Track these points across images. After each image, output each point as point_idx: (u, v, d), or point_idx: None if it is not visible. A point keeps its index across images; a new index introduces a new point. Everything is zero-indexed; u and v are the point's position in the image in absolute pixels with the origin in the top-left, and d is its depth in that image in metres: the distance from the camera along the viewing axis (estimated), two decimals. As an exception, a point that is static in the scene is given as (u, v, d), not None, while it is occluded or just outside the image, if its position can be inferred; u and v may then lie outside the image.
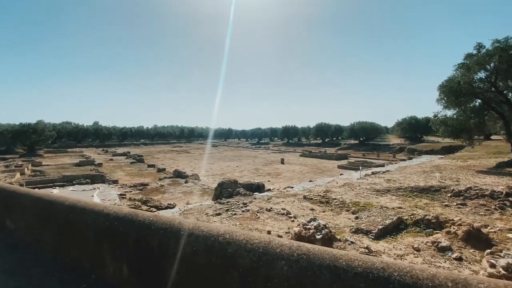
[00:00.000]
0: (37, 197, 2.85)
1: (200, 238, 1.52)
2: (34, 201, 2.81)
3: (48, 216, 2.63)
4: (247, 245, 1.32)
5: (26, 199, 2.92)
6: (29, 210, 2.88)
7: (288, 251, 1.23)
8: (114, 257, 1.98)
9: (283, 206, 8.45)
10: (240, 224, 7.01)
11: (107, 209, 2.26)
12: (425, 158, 32.79)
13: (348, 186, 10.38)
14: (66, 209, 2.50)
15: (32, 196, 2.89)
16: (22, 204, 2.97)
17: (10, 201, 3.22)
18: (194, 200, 15.13)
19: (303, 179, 22.63)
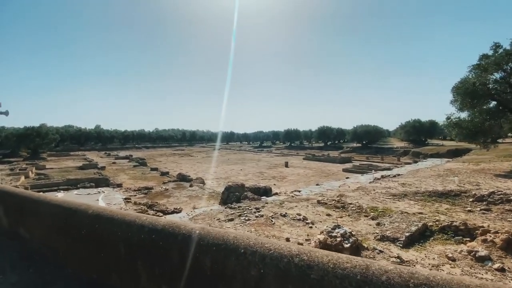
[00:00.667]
0: (55, 204, 2.59)
1: (267, 258, 1.26)
2: (53, 208, 2.56)
3: (69, 225, 2.38)
4: (336, 269, 1.05)
5: (43, 206, 2.67)
6: (47, 218, 2.63)
7: (399, 279, 0.97)
8: (152, 276, 1.72)
9: (298, 211, 8.18)
10: (255, 230, 6.74)
11: (140, 220, 2.01)
12: (431, 161, 32.52)
13: (362, 190, 10.08)
14: (91, 218, 2.25)
15: (50, 203, 2.64)
16: (39, 212, 2.72)
17: (24, 208, 2.97)
18: (201, 204, 14.84)
19: (309, 183, 22.32)
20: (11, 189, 3.41)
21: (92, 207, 2.46)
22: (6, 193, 3.41)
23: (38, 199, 2.81)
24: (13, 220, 3.18)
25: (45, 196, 2.85)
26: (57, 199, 2.71)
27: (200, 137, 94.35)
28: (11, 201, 3.30)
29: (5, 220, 3.39)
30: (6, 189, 3.59)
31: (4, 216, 3.44)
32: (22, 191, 3.23)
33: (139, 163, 35.06)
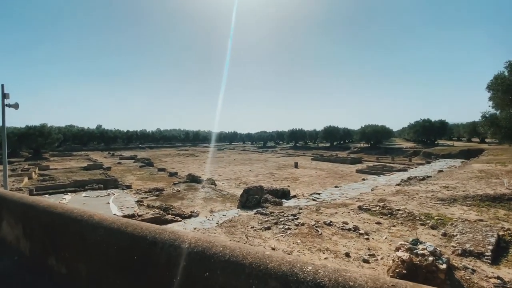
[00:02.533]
0: (111, 227, 1.77)
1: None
2: (107, 234, 1.74)
3: (142, 263, 1.57)
4: None
5: (90, 230, 1.86)
6: (97, 248, 1.81)
7: None
8: None
9: (340, 218, 7.34)
10: (302, 242, 5.91)
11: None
12: (444, 162, 31.68)
13: (403, 194, 9.24)
14: (191, 257, 1.44)
15: (101, 224, 1.82)
16: (82, 238, 1.91)
17: (56, 230, 2.15)
18: (217, 208, 14.04)
19: (324, 185, 21.49)
20: (35, 201, 2.58)
21: (192, 237, 1.65)
22: (26, 205, 2.59)
23: (82, 218, 1.99)
24: (40, 246, 2.36)
25: (90, 214, 2.03)
26: (112, 219, 1.89)
27: (203, 137, 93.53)
28: (37, 219, 2.47)
29: (26, 243, 2.56)
30: (25, 200, 2.75)
31: (23, 237, 2.60)
32: (53, 204, 2.40)
33: (145, 163, 34.27)
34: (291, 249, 5.61)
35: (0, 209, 2.85)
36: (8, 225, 2.72)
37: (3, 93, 8.97)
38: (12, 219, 2.65)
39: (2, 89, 8.74)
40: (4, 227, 2.78)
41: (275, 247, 5.72)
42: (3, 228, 2.81)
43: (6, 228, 2.76)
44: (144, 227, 1.71)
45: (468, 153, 34.51)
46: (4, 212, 2.80)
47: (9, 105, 9.38)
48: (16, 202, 2.65)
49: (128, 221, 1.80)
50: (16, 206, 2.64)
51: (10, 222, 2.69)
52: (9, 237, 2.70)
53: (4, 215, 2.78)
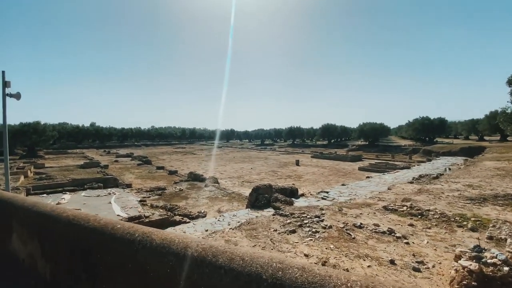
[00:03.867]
0: (193, 256, 1.20)
1: None
2: (180, 263, 1.19)
3: None
4: None
5: (151, 256, 1.30)
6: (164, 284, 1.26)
7: None
8: None
9: (368, 220, 6.86)
10: (336, 247, 5.41)
11: None
12: (445, 160, 31.62)
13: (427, 194, 8.82)
14: None
15: (168, 247, 1.26)
16: (137, 266, 1.35)
17: (92, 253, 1.57)
18: (224, 207, 13.48)
19: (329, 183, 21.09)
20: (55, 211, 2.00)
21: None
22: (42, 215, 2.00)
23: (132, 237, 1.41)
24: (65, 270, 1.78)
25: (145, 232, 1.45)
26: (186, 241, 1.33)
27: (200, 135, 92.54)
28: (60, 235, 1.88)
29: (45, 265, 1.98)
30: (41, 208, 2.15)
31: (41, 257, 2.01)
32: (77, 214, 1.83)
33: (142, 161, 33.44)
34: (326, 256, 5.09)
35: (10, 219, 2.27)
36: (19, 240, 2.14)
37: (3, 81, 7.94)
38: (25, 232, 2.08)
39: (3, 76, 7.80)
40: (15, 241, 2.20)
41: (308, 253, 5.20)
42: (13, 243, 2.23)
43: (17, 243, 2.18)
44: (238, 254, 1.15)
45: (469, 151, 34.53)
46: (14, 223, 2.22)
47: (10, 94, 8.30)
48: (29, 210, 2.08)
49: (216, 246, 1.24)
50: (29, 216, 2.07)
51: (22, 236, 2.11)
52: (21, 254, 2.12)
53: (15, 226, 2.20)
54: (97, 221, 1.63)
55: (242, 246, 5.70)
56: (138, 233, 1.41)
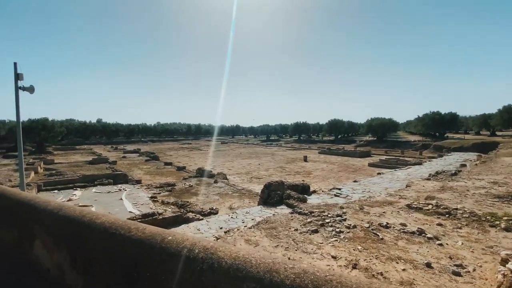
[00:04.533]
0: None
1: None
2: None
3: None
4: None
5: (222, 281, 1.02)
6: None
7: None
8: None
9: (393, 219, 6.55)
10: (364, 249, 5.12)
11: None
12: (458, 155, 30.88)
13: (452, 191, 8.44)
14: None
15: (246, 273, 0.99)
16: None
17: (138, 269, 1.30)
18: (236, 204, 13.29)
19: (339, 179, 20.73)
20: (85, 215, 1.74)
21: None
22: (71, 221, 1.74)
23: (192, 255, 1.13)
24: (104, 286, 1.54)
25: (206, 246, 1.18)
26: (267, 261, 1.06)
27: (205, 131, 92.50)
28: (94, 244, 1.60)
29: (76, 278, 1.73)
30: (68, 212, 1.89)
31: (71, 268, 1.75)
32: (113, 220, 1.57)
33: (150, 157, 33.48)
34: (355, 258, 4.81)
35: (31, 224, 2.03)
36: (43, 247, 1.91)
37: (16, 73, 7.59)
38: (50, 239, 1.85)
39: (15, 68, 7.54)
40: (38, 249, 1.97)
41: (336, 255, 4.92)
42: (35, 250, 2.00)
43: (40, 251, 1.95)
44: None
45: (482, 146, 33.70)
46: (37, 228, 1.99)
47: (23, 88, 8.00)
48: (55, 215, 1.84)
49: (313, 272, 0.96)
50: (55, 221, 1.83)
51: (47, 243, 1.88)
52: (45, 263, 1.89)
53: (37, 232, 1.97)
54: (140, 230, 1.38)
55: (264, 246, 5.46)
56: (198, 248, 1.14)
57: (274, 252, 5.17)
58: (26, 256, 2.11)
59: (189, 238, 1.24)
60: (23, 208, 2.16)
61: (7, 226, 2.33)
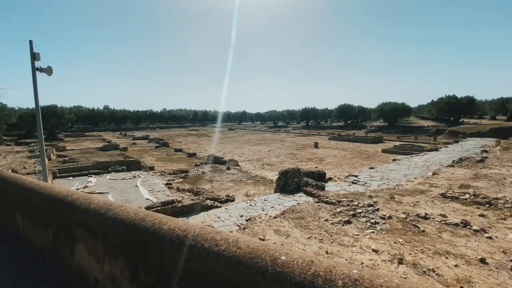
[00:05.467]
0: None
1: None
2: None
3: None
4: None
5: None
6: None
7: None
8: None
9: (429, 209, 6.17)
10: (406, 241, 4.78)
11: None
12: (475, 141, 29.88)
13: (487, 180, 7.96)
14: None
15: None
16: None
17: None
18: (251, 191, 13.09)
19: (354, 166, 20.27)
20: (142, 218, 1.39)
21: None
22: (128, 225, 1.39)
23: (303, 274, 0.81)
24: None
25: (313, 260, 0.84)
26: None
27: (212, 117, 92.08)
28: (169, 259, 1.24)
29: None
30: (119, 212, 1.54)
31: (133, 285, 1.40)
32: (182, 225, 1.21)
33: (160, 144, 33.46)
34: (399, 252, 4.47)
35: (70, 225, 1.71)
36: (89, 254, 1.59)
37: (32, 53, 6.84)
38: (99, 246, 1.52)
39: (31, 47, 7.01)
40: (80, 254, 1.66)
41: (377, 248, 4.58)
42: (77, 255, 1.69)
43: (85, 257, 1.64)
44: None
45: (500, 132, 32.58)
46: (79, 231, 1.66)
47: (40, 69, 7.16)
48: (103, 217, 1.50)
49: None
50: (105, 225, 1.49)
51: (94, 250, 1.55)
52: (92, 272, 1.58)
53: (80, 235, 1.65)
54: (231, 243, 1.02)
55: (296, 237, 5.18)
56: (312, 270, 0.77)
57: (308, 244, 4.86)
58: (64, 261, 1.81)
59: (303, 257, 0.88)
60: (59, 205, 1.84)
61: (39, 225, 2.03)
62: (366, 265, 4.08)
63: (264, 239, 5.15)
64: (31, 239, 2.13)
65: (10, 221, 2.53)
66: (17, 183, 2.45)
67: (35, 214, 2.09)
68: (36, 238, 2.08)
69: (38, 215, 2.06)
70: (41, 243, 2.03)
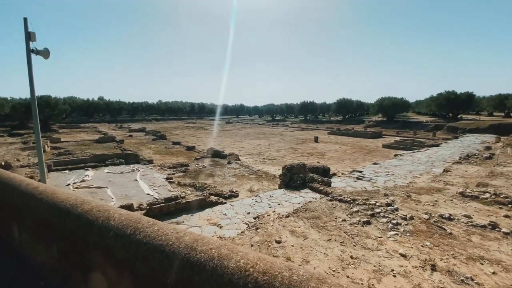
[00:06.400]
0: None
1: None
2: None
3: None
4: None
5: None
6: None
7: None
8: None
9: (450, 209, 5.88)
10: (435, 245, 4.47)
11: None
12: (474, 137, 29.89)
13: (504, 177, 7.72)
14: None
15: None
16: None
17: None
18: (255, 187, 12.73)
19: (355, 161, 20.04)
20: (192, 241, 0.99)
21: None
22: (160, 250, 1.00)
23: None
24: None
25: None
26: None
27: (209, 110, 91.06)
28: None
29: None
30: (150, 232, 1.13)
31: None
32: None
33: (157, 136, 32.84)
34: (429, 257, 4.15)
35: (81, 246, 1.30)
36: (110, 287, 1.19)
37: (27, 31, 6.10)
38: (125, 280, 1.12)
39: (26, 25, 6.24)
40: (97, 284, 1.25)
41: (405, 253, 4.26)
42: (92, 284, 1.29)
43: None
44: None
45: (499, 128, 32.64)
46: (95, 255, 1.25)
47: (36, 51, 6.40)
48: (129, 239, 1.10)
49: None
50: (131, 251, 1.08)
51: (118, 283, 1.15)
52: None
53: (98, 261, 1.24)
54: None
55: (314, 239, 4.84)
56: None
57: (329, 247, 4.53)
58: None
59: None
60: (65, 219, 1.42)
61: (39, 240, 1.62)
62: (397, 272, 3.77)
63: (280, 241, 4.81)
64: (31, 254, 1.72)
65: (5, 230, 2.11)
66: (11, 185, 2.03)
67: (34, 226, 1.68)
68: (37, 255, 1.68)
69: (38, 227, 1.65)
70: (43, 261, 1.63)
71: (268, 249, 4.52)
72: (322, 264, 3.98)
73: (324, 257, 4.18)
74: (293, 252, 4.36)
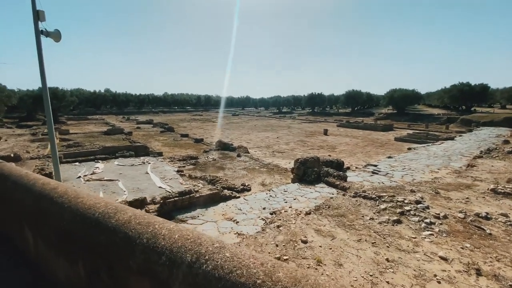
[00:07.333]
0: None
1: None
2: None
3: None
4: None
5: None
6: None
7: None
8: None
9: (485, 207, 5.49)
10: (476, 248, 4.13)
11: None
12: (488, 130, 28.93)
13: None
14: None
15: None
16: None
17: None
18: (267, 180, 12.45)
19: (368, 154, 19.55)
20: None
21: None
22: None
23: None
24: None
25: None
26: None
27: (215, 102, 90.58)
28: None
29: None
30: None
31: None
32: None
33: (165, 128, 32.73)
34: (472, 260, 3.79)
35: (119, 267, 0.99)
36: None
37: (35, 10, 5.43)
38: None
39: (33, 3, 5.73)
40: None
41: (446, 256, 3.91)
42: None
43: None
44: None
45: (515, 121, 31.49)
46: (138, 282, 0.94)
47: (45, 32, 5.72)
48: (190, 269, 0.79)
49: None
50: (193, 284, 0.78)
51: None
52: None
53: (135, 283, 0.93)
54: None
55: (343, 239, 4.53)
56: None
57: (360, 248, 4.21)
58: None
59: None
60: (95, 232, 1.12)
61: (60, 252, 1.34)
62: (441, 277, 3.44)
63: (306, 241, 4.51)
64: (49, 268, 1.45)
65: (19, 236, 1.85)
66: (23, 184, 1.75)
67: (52, 235, 1.40)
68: (57, 269, 1.40)
69: (58, 238, 1.36)
70: (66, 278, 1.35)
71: (295, 249, 4.23)
72: (356, 267, 3.67)
73: (357, 260, 3.88)
74: (322, 254, 4.06)
